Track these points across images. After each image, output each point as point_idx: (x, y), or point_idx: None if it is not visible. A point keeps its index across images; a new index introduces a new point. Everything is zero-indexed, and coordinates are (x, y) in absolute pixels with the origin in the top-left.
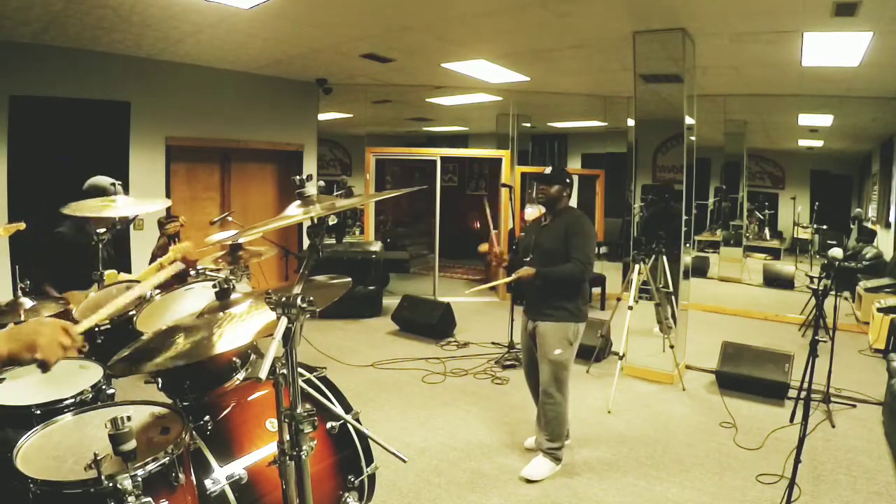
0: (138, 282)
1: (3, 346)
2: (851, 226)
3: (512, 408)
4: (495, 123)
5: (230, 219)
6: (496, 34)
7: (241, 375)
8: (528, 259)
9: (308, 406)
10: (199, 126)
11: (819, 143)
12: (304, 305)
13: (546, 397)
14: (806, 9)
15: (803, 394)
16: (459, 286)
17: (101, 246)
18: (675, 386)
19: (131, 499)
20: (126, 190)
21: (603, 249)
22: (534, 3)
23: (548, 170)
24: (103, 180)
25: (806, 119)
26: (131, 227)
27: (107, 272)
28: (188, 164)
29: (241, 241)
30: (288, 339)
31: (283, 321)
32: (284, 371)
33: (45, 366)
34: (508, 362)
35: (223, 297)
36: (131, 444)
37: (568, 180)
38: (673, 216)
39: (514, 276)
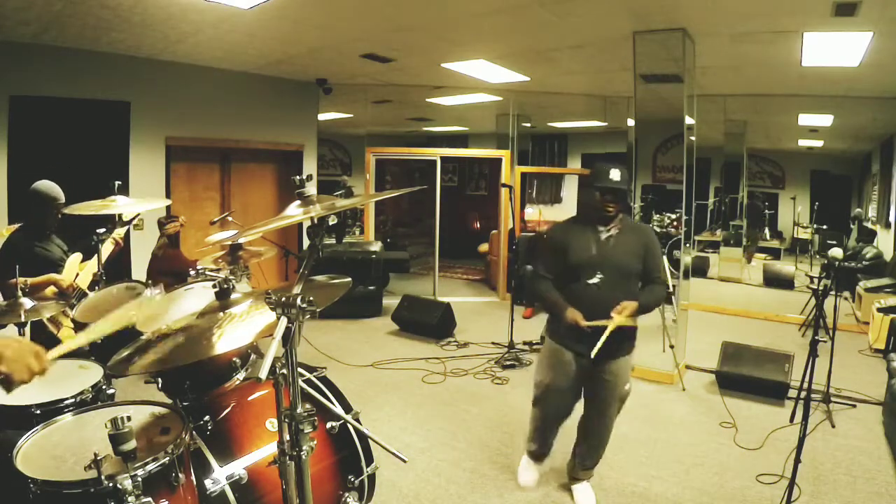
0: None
1: None
2: (851, 226)
3: (512, 408)
4: (495, 123)
5: (230, 219)
6: (496, 34)
7: (241, 375)
8: (595, 281)
9: (308, 406)
10: (199, 126)
11: (819, 143)
12: (304, 305)
13: (606, 426)
14: (806, 9)
15: (803, 394)
16: (459, 286)
17: (100, 246)
18: (675, 386)
19: (131, 499)
20: (126, 190)
21: None
22: (534, 3)
23: (615, 174)
24: (44, 185)
25: (806, 119)
26: (131, 226)
27: (72, 256)
28: (188, 164)
29: (241, 241)
30: (288, 339)
31: (283, 321)
32: (284, 371)
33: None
34: (508, 362)
35: (223, 297)
36: (131, 444)
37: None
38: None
39: (619, 319)
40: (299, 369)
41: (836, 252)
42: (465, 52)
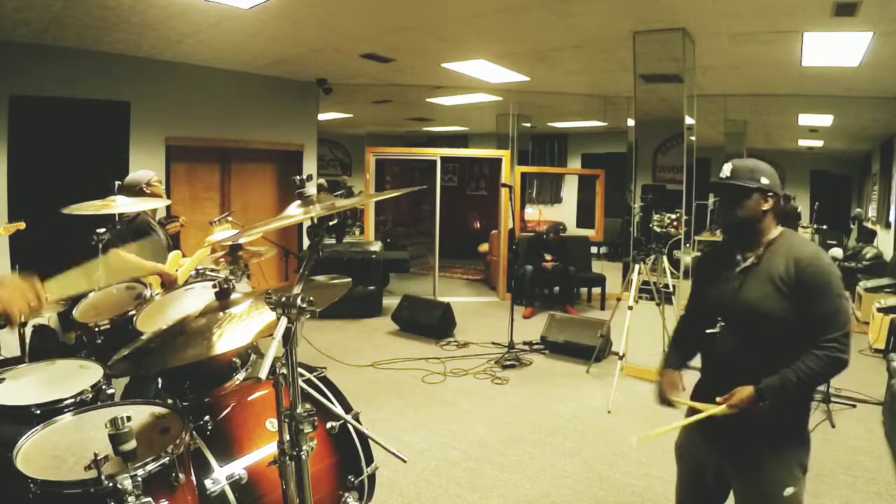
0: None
1: None
2: (851, 226)
3: (512, 408)
4: (495, 123)
5: (230, 219)
6: (496, 34)
7: (241, 375)
8: (717, 330)
9: (308, 406)
10: (199, 126)
11: (819, 143)
12: (304, 305)
13: None
14: (806, 9)
15: None
16: (459, 286)
17: (100, 245)
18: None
19: (131, 499)
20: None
21: (603, 249)
22: (534, 3)
23: (726, 169)
24: (141, 175)
25: (806, 119)
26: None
27: (171, 254)
28: (188, 164)
29: (241, 241)
30: (288, 339)
31: (283, 321)
32: (284, 371)
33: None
34: (508, 362)
35: (223, 297)
36: (131, 444)
37: (766, 181)
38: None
39: (723, 408)
40: (299, 369)
41: (836, 252)
42: (465, 52)
